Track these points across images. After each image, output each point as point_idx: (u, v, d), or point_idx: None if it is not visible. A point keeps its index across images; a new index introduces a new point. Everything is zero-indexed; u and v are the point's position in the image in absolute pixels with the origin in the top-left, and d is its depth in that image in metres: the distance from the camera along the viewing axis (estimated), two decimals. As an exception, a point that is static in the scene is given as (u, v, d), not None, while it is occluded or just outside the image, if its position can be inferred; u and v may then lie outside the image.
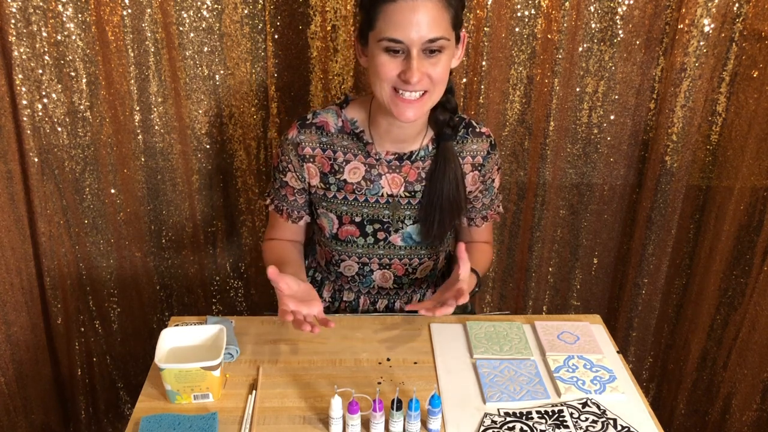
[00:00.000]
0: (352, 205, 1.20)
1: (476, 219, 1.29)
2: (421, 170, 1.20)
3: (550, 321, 1.21)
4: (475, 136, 1.21)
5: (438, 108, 1.14)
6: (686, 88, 1.49)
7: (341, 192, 1.20)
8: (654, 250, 1.66)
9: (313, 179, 1.20)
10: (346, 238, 1.23)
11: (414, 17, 0.98)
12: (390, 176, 1.19)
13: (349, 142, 1.18)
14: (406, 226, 1.22)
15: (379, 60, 1.03)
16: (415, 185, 1.20)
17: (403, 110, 1.05)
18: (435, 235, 1.22)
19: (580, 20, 1.46)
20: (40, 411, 1.63)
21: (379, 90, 1.06)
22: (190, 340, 1.04)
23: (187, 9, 1.44)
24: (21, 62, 1.37)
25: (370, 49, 1.05)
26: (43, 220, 1.51)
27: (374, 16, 1.01)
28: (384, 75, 1.03)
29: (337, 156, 1.19)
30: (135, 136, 1.53)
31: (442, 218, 1.19)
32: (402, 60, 1.02)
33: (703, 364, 1.73)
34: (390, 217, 1.21)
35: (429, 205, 1.19)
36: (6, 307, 1.48)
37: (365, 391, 0.95)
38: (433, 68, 1.02)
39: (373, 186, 1.19)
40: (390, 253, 1.25)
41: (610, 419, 0.97)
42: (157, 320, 1.76)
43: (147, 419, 0.95)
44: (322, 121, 1.18)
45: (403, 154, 1.19)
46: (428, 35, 0.99)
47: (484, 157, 1.22)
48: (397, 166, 1.19)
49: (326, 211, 1.22)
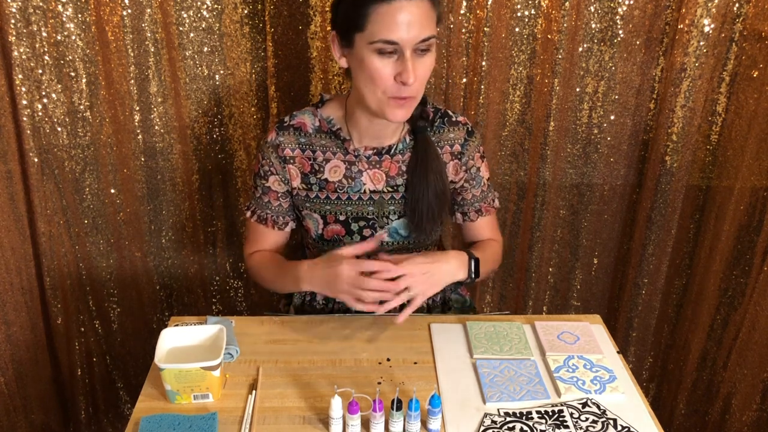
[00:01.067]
0: (335, 204, 1.20)
1: (470, 213, 1.28)
2: (401, 163, 1.20)
3: (550, 321, 1.21)
4: (451, 125, 1.21)
5: None
6: (686, 88, 1.49)
7: (323, 191, 1.20)
8: (654, 250, 1.66)
9: (294, 181, 1.20)
10: (333, 238, 1.23)
11: (407, 18, 0.98)
12: (371, 172, 1.19)
13: (327, 140, 1.19)
14: (392, 222, 1.22)
15: (372, 64, 1.01)
16: (397, 179, 1.20)
17: (396, 111, 1.05)
18: (425, 229, 1.20)
19: (580, 20, 1.46)
20: (40, 411, 1.63)
21: (371, 94, 1.05)
22: (190, 340, 1.04)
23: (187, 9, 1.44)
24: (21, 62, 1.37)
25: (358, 51, 1.03)
26: (43, 220, 1.51)
27: (364, 17, 0.99)
28: (380, 81, 1.02)
29: (317, 155, 1.19)
30: (135, 136, 1.53)
31: (429, 209, 1.18)
32: (395, 61, 1.01)
33: (703, 364, 1.73)
34: (375, 214, 1.21)
35: (414, 198, 1.18)
36: (6, 307, 1.48)
37: (365, 391, 0.95)
38: (423, 67, 1.03)
39: (355, 183, 1.19)
40: (378, 249, 1.24)
41: (610, 419, 0.97)
42: (157, 320, 1.76)
43: (147, 419, 0.95)
44: (300, 122, 1.18)
45: (382, 149, 1.19)
46: (421, 35, 0.99)
47: (462, 144, 1.21)
48: (376, 161, 1.19)
49: (310, 212, 1.22)
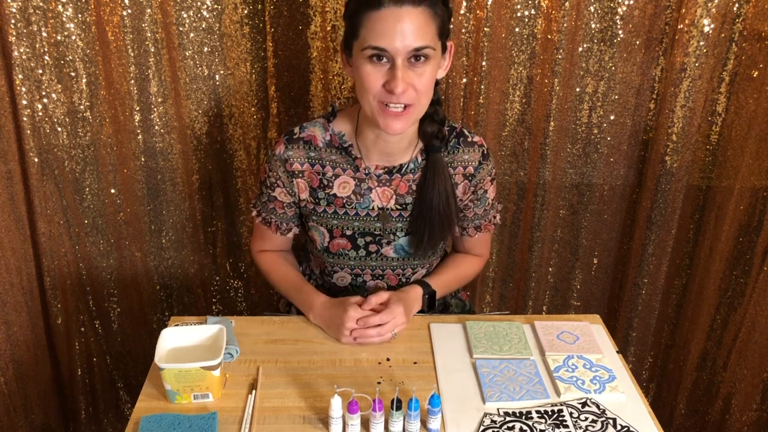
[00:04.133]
0: (342, 218, 1.19)
1: (468, 228, 1.28)
2: (411, 182, 1.18)
3: (550, 321, 1.21)
4: (466, 146, 1.19)
5: (426, 119, 1.13)
6: (686, 88, 1.49)
7: (331, 206, 1.19)
8: (654, 250, 1.66)
9: (303, 194, 1.19)
10: (338, 251, 1.22)
11: (398, 26, 0.97)
12: (380, 189, 1.18)
13: (337, 156, 1.17)
14: (398, 238, 1.21)
15: (363, 70, 1.01)
16: (406, 198, 1.19)
17: (390, 123, 1.03)
18: (426, 246, 1.21)
19: (580, 20, 1.46)
20: (40, 411, 1.63)
21: (366, 102, 1.04)
22: (190, 340, 1.04)
23: (187, 9, 1.44)
24: (21, 62, 1.37)
25: (355, 59, 1.04)
26: (43, 220, 1.51)
27: (358, 25, 1.00)
28: (369, 86, 1.02)
29: (326, 171, 1.17)
30: (135, 136, 1.53)
31: (431, 231, 1.17)
32: (387, 70, 1.01)
33: (703, 364, 1.73)
34: (381, 230, 1.20)
35: (419, 218, 1.17)
36: (6, 307, 1.48)
37: (365, 391, 0.95)
38: (418, 78, 1.01)
39: (364, 200, 1.18)
40: (383, 264, 1.24)
41: (609, 419, 0.97)
42: (157, 320, 1.76)
43: (147, 419, 0.95)
44: (310, 135, 1.16)
45: (393, 168, 1.17)
46: (413, 44, 0.98)
47: (475, 167, 1.20)
48: (386, 179, 1.18)
49: (317, 225, 1.21)
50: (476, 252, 1.33)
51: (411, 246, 1.22)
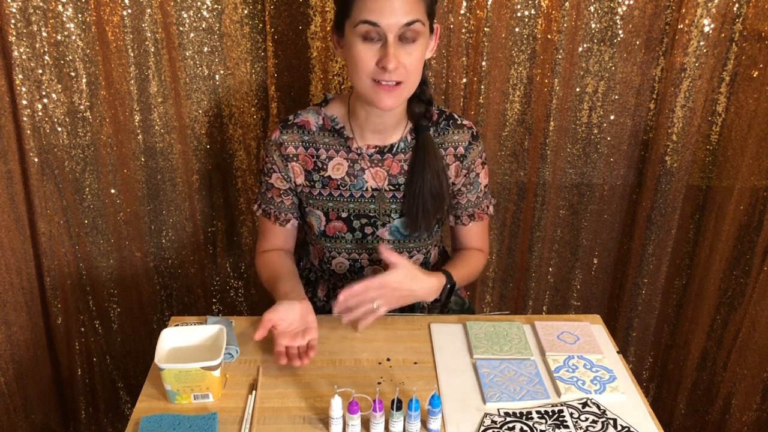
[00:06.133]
0: (337, 201, 1.22)
1: (462, 217, 1.29)
2: (403, 162, 1.21)
3: (550, 321, 1.21)
4: (456, 128, 1.22)
5: (414, 100, 1.17)
6: (686, 88, 1.49)
7: (326, 188, 1.21)
8: (654, 250, 1.66)
9: (298, 178, 1.22)
10: (335, 235, 1.24)
11: (390, 2, 1.00)
12: (373, 170, 1.21)
13: (330, 138, 1.20)
14: (393, 220, 1.23)
15: (356, 49, 1.05)
16: (399, 178, 1.21)
17: (382, 98, 1.07)
18: (421, 227, 1.22)
19: (580, 20, 1.46)
20: (40, 411, 1.63)
21: (358, 80, 1.07)
22: (190, 340, 1.04)
23: (187, 9, 1.44)
24: (21, 62, 1.37)
25: (347, 39, 1.07)
26: (43, 220, 1.50)
27: (350, 3, 1.04)
28: (362, 65, 1.05)
29: (320, 153, 1.20)
30: (135, 136, 1.53)
31: (425, 209, 1.20)
32: (379, 48, 1.04)
33: (703, 364, 1.73)
34: (376, 211, 1.22)
35: (411, 197, 1.20)
36: (6, 307, 1.48)
37: (365, 391, 0.95)
38: (408, 57, 1.04)
39: (357, 181, 1.21)
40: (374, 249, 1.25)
41: (610, 419, 0.97)
42: (157, 320, 1.76)
43: (147, 419, 0.95)
44: (303, 121, 1.20)
45: (384, 147, 1.20)
46: (404, 19, 1.01)
47: (465, 147, 1.23)
48: (379, 159, 1.21)
49: (313, 209, 1.23)
50: (475, 245, 1.33)
51: (406, 227, 1.23)
